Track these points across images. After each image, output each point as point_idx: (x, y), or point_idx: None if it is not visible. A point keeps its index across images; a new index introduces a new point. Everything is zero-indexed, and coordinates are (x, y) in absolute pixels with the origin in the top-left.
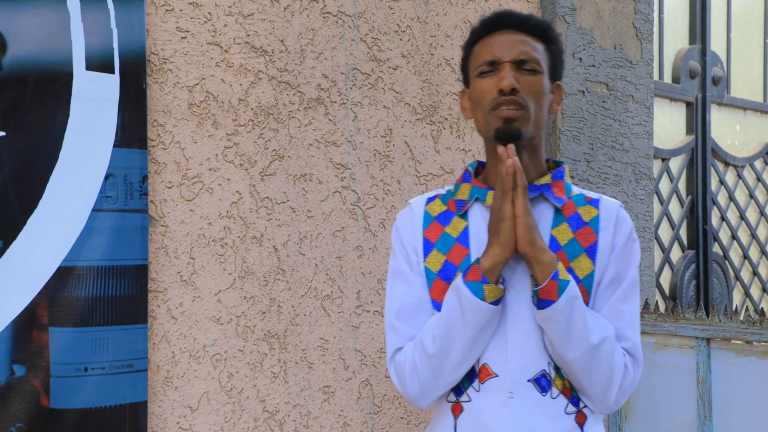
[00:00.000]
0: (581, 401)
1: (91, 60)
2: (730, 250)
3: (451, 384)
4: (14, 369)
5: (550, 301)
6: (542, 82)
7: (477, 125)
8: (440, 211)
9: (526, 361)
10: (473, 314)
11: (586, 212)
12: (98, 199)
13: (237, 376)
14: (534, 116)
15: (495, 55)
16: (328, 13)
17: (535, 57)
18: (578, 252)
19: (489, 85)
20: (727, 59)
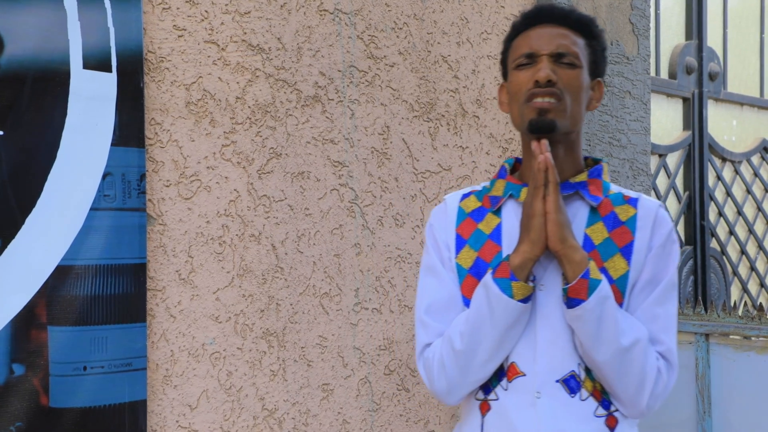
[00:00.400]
0: (613, 404)
1: (88, 58)
2: (728, 246)
3: (478, 382)
4: (13, 368)
5: (579, 300)
6: (581, 77)
7: (513, 119)
8: (474, 208)
9: (554, 362)
10: (501, 312)
11: (624, 211)
12: (96, 198)
13: (236, 375)
14: (570, 110)
15: (533, 47)
16: (324, 10)
17: (575, 51)
18: (613, 252)
19: (525, 77)
20: (724, 55)
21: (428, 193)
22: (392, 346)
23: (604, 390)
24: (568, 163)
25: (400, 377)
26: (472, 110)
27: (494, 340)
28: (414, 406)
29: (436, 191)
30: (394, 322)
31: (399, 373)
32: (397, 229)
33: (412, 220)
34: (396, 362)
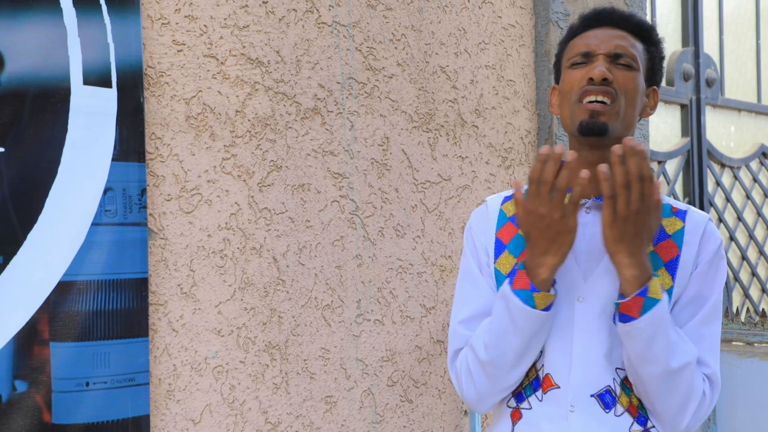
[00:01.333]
0: (649, 421)
1: (88, 75)
2: (729, 251)
3: (508, 389)
4: (16, 385)
5: (630, 317)
6: (637, 79)
7: (563, 120)
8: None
9: (589, 376)
10: (524, 322)
11: (671, 224)
12: (97, 213)
13: (239, 388)
14: (623, 113)
15: (590, 46)
16: (323, 23)
17: (632, 53)
18: (657, 266)
19: (579, 75)
20: (720, 61)
21: (428, 204)
22: (395, 357)
23: (641, 406)
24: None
25: (403, 388)
26: (471, 120)
27: (519, 349)
28: (417, 418)
29: (436, 201)
30: (397, 333)
31: (402, 384)
32: (398, 239)
33: (413, 231)
34: (399, 373)
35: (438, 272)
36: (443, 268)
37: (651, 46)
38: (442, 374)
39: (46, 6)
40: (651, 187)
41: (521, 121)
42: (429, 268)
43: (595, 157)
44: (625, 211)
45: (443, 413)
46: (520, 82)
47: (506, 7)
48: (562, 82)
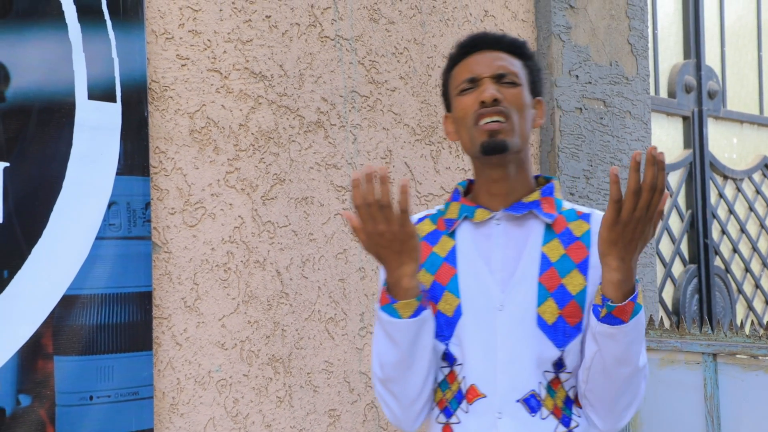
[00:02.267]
0: (573, 421)
1: (93, 89)
2: (732, 264)
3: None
4: (20, 399)
5: (620, 320)
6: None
7: (463, 145)
8: (429, 231)
9: (515, 382)
10: (397, 334)
11: (578, 227)
12: (102, 227)
13: (242, 401)
14: (518, 128)
15: (474, 72)
16: (326, 37)
17: (514, 71)
18: (570, 268)
19: (470, 100)
20: (722, 73)
21: None
22: None
23: (565, 407)
24: (519, 182)
25: None
26: None
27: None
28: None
29: None
30: None
31: None
32: None
33: None
34: None
35: None
36: None
37: (527, 60)
38: None
39: (51, 21)
40: (659, 198)
41: None
42: None
43: (497, 174)
44: (627, 216)
45: None
46: None
47: (508, 21)
48: (455, 110)
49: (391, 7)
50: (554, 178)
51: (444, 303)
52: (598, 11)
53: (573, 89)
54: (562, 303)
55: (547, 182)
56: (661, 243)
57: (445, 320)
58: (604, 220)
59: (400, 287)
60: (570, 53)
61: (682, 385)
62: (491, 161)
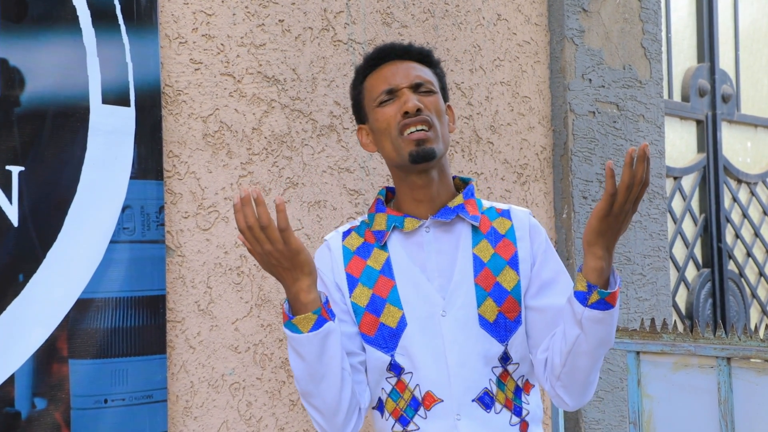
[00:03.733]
0: (524, 409)
1: (107, 94)
2: (746, 268)
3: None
4: (35, 402)
5: (611, 305)
6: (439, 101)
7: (385, 155)
8: (358, 245)
9: (468, 382)
10: (301, 348)
11: (500, 224)
12: (116, 231)
13: (256, 405)
14: (441, 133)
15: (391, 83)
16: (338, 41)
17: (428, 79)
18: (502, 265)
19: (391, 112)
20: (736, 77)
21: None
22: None
23: (515, 397)
24: (443, 187)
25: None
26: (486, 136)
27: (316, 374)
28: None
29: None
30: None
31: None
32: None
33: None
34: None
35: None
36: None
37: (436, 68)
38: None
39: (65, 26)
40: (643, 191)
41: (536, 137)
42: None
43: (423, 180)
44: (618, 208)
45: None
46: (535, 98)
47: (521, 24)
48: (375, 121)
49: (403, 11)
50: (472, 180)
51: (386, 315)
52: (611, 14)
53: (586, 93)
54: (500, 300)
55: (465, 184)
56: (675, 247)
57: (389, 332)
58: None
59: (299, 302)
60: (583, 57)
61: (695, 390)
62: (417, 169)
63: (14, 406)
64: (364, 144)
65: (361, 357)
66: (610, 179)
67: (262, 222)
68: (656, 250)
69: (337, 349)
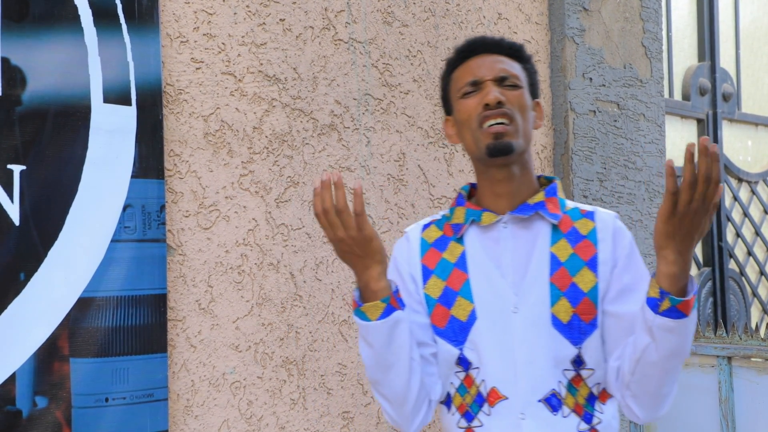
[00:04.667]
0: (595, 418)
1: (108, 93)
2: (747, 267)
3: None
4: (36, 401)
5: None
6: (524, 96)
7: (466, 147)
8: (436, 237)
9: (535, 382)
10: (370, 336)
11: (583, 225)
12: (117, 230)
13: (256, 404)
14: (522, 129)
15: (476, 75)
16: (339, 40)
17: (515, 73)
18: (580, 266)
19: (474, 103)
20: (737, 75)
21: None
22: None
23: (587, 404)
24: (524, 183)
25: None
26: None
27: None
28: None
29: None
30: None
31: None
32: None
33: None
34: None
35: None
36: None
37: (526, 63)
38: None
39: (67, 25)
40: (715, 189)
41: (537, 136)
42: None
43: (502, 174)
44: (684, 208)
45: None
46: None
47: (522, 23)
48: (457, 113)
49: (404, 10)
50: (556, 179)
51: (457, 308)
52: (611, 14)
53: (586, 92)
54: (575, 301)
55: (549, 182)
56: None
57: (459, 325)
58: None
59: (369, 290)
60: (584, 56)
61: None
62: (496, 163)
63: (15, 405)
64: (449, 135)
65: (432, 348)
66: (671, 177)
67: (338, 206)
68: None
69: (405, 339)
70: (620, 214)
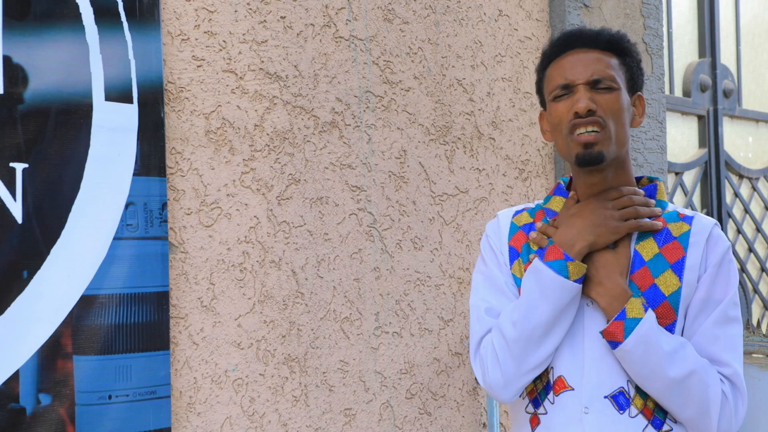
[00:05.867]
0: (666, 424)
1: (109, 91)
2: (748, 263)
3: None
4: (40, 398)
5: (616, 342)
6: (620, 99)
7: (558, 149)
8: (526, 223)
9: (602, 377)
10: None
11: (677, 228)
12: (119, 228)
13: (258, 401)
14: (615, 135)
15: (568, 78)
16: (340, 37)
17: (610, 74)
18: (663, 268)
19: (564, 109)
20: (738, 72)
21: (446, 216)
22: (413, 369)
23: (657, 409)
24: (618, 184)
25: (422, 401)
26: (487, 132)
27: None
28: (436, 430)
29: (453, 214)
30: (415, 345)
31: (420, 397)
32: (416, 252)
33: (431, 243)
34: (417, 386)
35: (456, 284)
36: (461, 280)
37: (626, 57)
38: (461, 387)
39: (68, 23)
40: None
41: (538, 133)
42: (447, 281)
43: (595, 179)
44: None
45: (462, 426)
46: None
47: (522, 20)
48: (549, 114)
49: (405, 7)
50: (659, 179)
51: None
52: (612, 10)
53: None
54: (654, 303)
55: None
56: None
57: None
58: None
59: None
60: None
61: None
62: (586, 170)
63: (19, 402)
64: (544, 131)
65: None
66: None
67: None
68: None
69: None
70: None
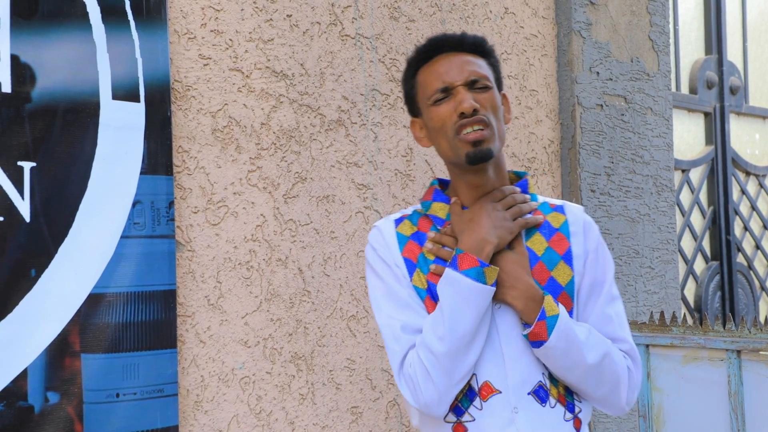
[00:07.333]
0: (576, 406)
1: (117, 89)
2: (755, 260)
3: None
4: (48, 396)
5: (541, 341)
6: (495, 96)
7: (441, 152)
8: (412, 232)
9: (524, 375)
10: (478, 300)
11: (554, 219)
12: (126, 226)
13: (265, 399)
14: (497, 131)
15: (446, 80)
16: (346, 35)
17: (483, 74)
18: (556, 260)
19: (447, 111)
20: (744, 68)
21: None
22: None
23: (567, 394)
24: (498, 181)
25: None
26: None
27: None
28: None
29: None
30: None
31: None
32: None
33: None
34: None
35: None
36: None
37: (490, 58)
38: None
39: (75, 22)
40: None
41: (544, 131)
42: None
43: (479, 179)
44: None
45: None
46: (543, 91)
47: (528, 18)
48: (429, 120)
49: (411, 5)
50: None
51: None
52: (618, 7)
53: (594, 86)
54: (555, 295)
55: (519, 178)
56: (683, 240)
57: None
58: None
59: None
60: (590, 50)
61: (705, 382)
62: (474, 168)
63: (27, 401)
64: (418, 138)
65: None
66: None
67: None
68: (664, 243)
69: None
70: (627, 208)
